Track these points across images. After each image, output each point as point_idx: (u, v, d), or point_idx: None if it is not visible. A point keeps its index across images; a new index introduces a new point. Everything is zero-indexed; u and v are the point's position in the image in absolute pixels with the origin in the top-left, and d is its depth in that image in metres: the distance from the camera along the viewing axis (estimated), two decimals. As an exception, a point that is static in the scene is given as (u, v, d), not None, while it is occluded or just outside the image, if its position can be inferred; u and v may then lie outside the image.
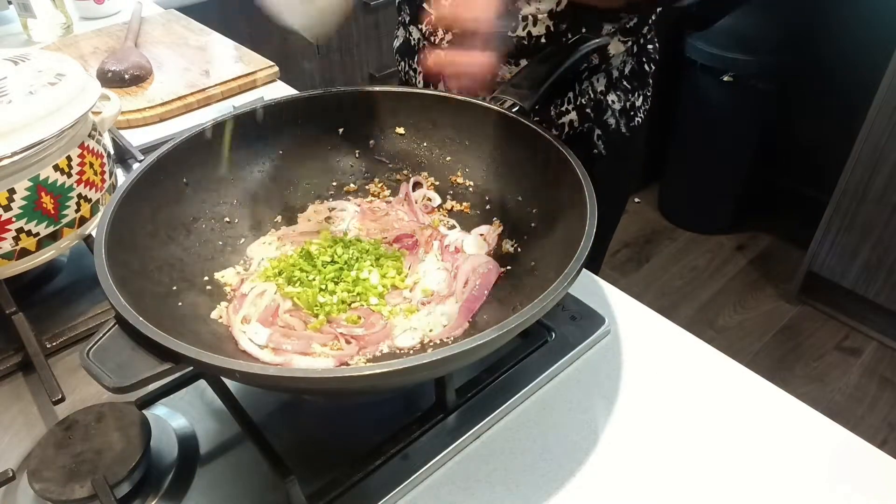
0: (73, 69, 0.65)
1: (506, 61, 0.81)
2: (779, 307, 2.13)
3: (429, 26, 0.81)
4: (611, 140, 0.89)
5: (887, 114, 1.64)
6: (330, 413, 0.59)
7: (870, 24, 2.00)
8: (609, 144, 0.89)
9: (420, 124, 0.71)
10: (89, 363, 0.41)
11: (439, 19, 0.76)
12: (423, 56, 0.64)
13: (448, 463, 0.54)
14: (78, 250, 0.74)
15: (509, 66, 0.82)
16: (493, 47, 0.60)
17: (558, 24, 0.78)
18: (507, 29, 0.79)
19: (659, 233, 2.45)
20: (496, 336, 0.41)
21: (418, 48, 0.90)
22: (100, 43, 1.25)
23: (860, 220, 1.80)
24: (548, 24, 0.78)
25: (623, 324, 0.66)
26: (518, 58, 0.81)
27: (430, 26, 0.77)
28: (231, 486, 0.52)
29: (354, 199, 0.71)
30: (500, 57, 0.80)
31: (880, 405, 1.81)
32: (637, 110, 0.90)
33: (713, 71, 2.04)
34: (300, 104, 0.69)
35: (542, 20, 0.78)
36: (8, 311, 0.63)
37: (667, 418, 0.57)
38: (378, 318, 0.57)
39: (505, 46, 0.80)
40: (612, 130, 0.88)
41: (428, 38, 0.86)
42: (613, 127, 0.88)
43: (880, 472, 0.53)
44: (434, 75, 0.69)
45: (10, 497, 0.51)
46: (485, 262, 0.61)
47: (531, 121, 0.63)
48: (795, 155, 2.35)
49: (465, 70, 0.61)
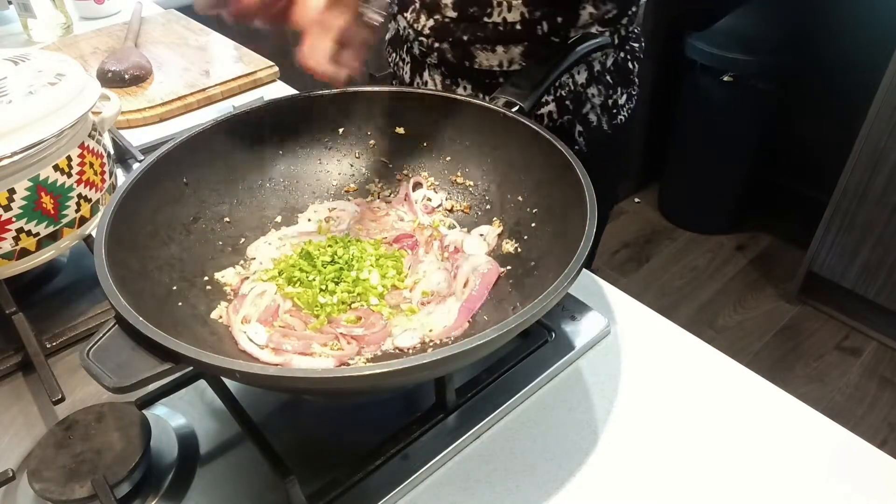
0: (73, 69, 0.65)
1: (483, 48, 0.82)
2: (779, 307, 2.13)
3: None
4: (592, 137, 0.88)
5: (887, 114, 1.64)
6: (330, 413, 0.59)
7: (870, 24, 2.00)
8: (590, 141, 0.88)
9: (420, 124, 0.70)
10: (89, 363, 0.41)
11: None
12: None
13: (448, 463, 0.54)
14: (78, 250, 0.75)
15: (486, 52, 0.82)
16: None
17: (533, 11, 0.78)
18: (482, 15, 0.79)
19: (659, 233, 2.45)
20: (496, 336, 0.41)
21: (404, 37, 0.91)
22: (100, 43, 1.25)
23: (860, 220, 1.80)
24: (522, 11, 0.78)
25: (623, 324, 0.66)
26: (494, 44, 0.81)
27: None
28: (231, 486, 0.52)
29: (354, 199, 0.71)
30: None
31: (880, 405, 1.81)
32: (620, 108, 0.90)
33: (713, 71, 2.04)
34: (300, 104, 0.69)
35: (516, 6, 0.78)
36: (8, 311, 0.63)
37: (667, 418, 0.57)
38: (378, 319, 0.57)
39: (481, 32, 0.80)
40: (594, 127, 0.88)
41: (412, 25, 0.87)
42: (594, 123, 0.88)
43: (880, 472, 0.53)
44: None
45: (10, 497, 0.51)
46: (485, 262, 0.61)
47: (531, 121, 0.63)
48: (795, 155, 2.35)
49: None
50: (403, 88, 0.83)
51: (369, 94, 0.70)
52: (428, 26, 0.84)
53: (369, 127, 0.72)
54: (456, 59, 0.85)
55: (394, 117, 0.71)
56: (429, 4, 0.83)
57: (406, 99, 0.70)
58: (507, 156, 0.66)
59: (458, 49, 0.83)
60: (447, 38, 0.84)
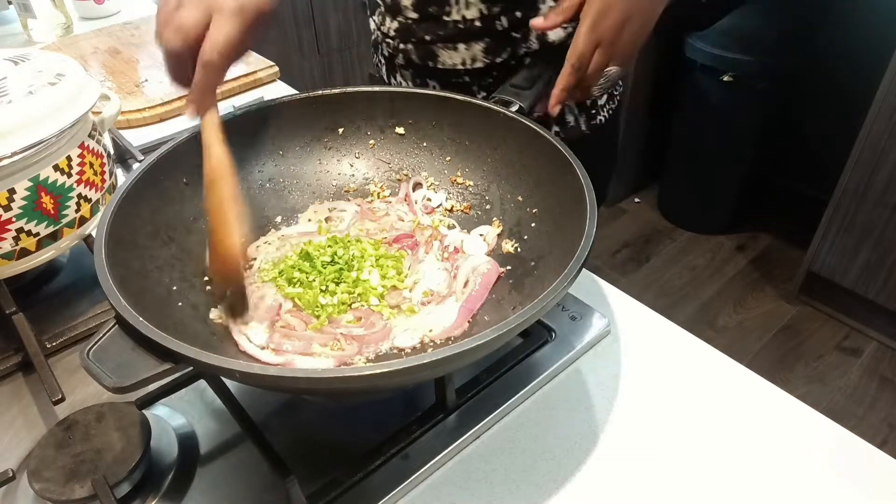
0: (73, 69, 0.65)
1: (444, 46, 0.82)
2: (779, 307, 2.12)
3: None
4: (569, 137, 0.88)
5: (887, 114, 1.64)
6: (330, 413, 0.59)
7: (870, 24, 2.00)
8: (568, 142, 0.88)
9: (420, 124, 0.71)
10: (89, 363, 0.41)
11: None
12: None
13: (448, 463, 0.54)
14: (78, 250, 0.75)
15: (448, 51, 0.82)
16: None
17: (491, 7, 0.78)
18: (440, 13, 0.79)
19: (659, 233, 2.45)
20: (496, 336, 0.41)
21: (376, 39, 0.92)
22: (100, 43, 1.25)
23: (860, 220, 1.80)
24: (480, 7, 0.78)
25: (623, 324, 0.66)
26: (456, 42, 0.81)
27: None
28: (231, 486, 0.52)
29: (354, 200, 0.71)
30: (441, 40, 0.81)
31: (880, 405, 1.81)
32: (600, 109, 0.90)
33: (713, 71, 2.04)
34: (300, 104, 0.69)
35: (473, 3, 0.78)
36: (8, 311, 0.63)
37: (667, 418, 0.57)
38: (378, 319, 0.57)
39: (442, 31, 0.80)
40: (571, 128, 0.88)
41: (380, 28, 0.87)
42: (572, 124, 0.88)
43: (880, 472, 0.53)
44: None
45: (10, 497, 0.51)
46: (485, 262, 0.61)
47: (531, 121, 0.63)
48: (795, 155, 2.35)
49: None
50: (403, 88, 0.83)
51: (369, 94, 0.70)
52: (393, 28, 0.85)
53: (369, 127, 0.72)
54: (420, 59, 0.85)
55: (394, 117, 0.71)
56: (391, 6, 0.84)
57: (406, 99, 0.70)
58: (507, 156, 0.66)
59: (421, 49, 0.84)
60: (410, 39, 0.84)
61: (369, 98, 0.70)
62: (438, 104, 0.69)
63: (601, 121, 0.91)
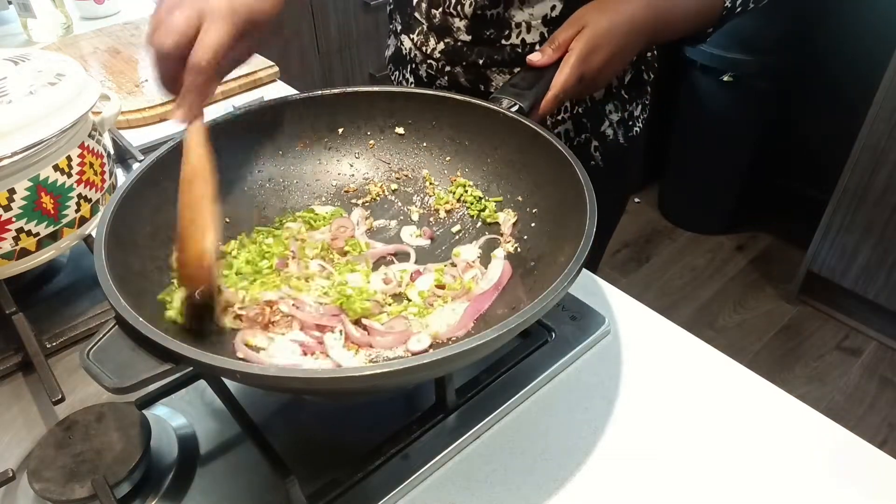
0: (73, 69, 0.65)
1: (499, 71, 0.81)
2: (779, 307, 2.12)
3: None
4: (608, 151, 0.88)
5: (887, 114, 1.64)
6: (330, 413, 0.59)
7: (870, 24, 2.00)
8: (607, 156, 0.87)
9: (420, 124, 0.71)
10: (89, 363, 0.41)
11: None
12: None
13: (448, 463, 0.54)
14: (78, 250, 0.75)
15: (503, 75, 0.81)
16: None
17: (552, 31, 0.76)
18: (499, 38, 0.78)
19: (659, 233, 2.45)
20: (496, 336, 0.41)
21: (410, 58, 0.89)
22: (100, 43, 1.25)
23: (860, 220, 1.80)
24: (542, 31, 0.77)
25: (623, 324, 0.66)
26: (512, 66, 0.80)
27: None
28: (231, 486, 0.52)
29: (358, 202, 0.70)
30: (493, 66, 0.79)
31: (880, 405, 1.81)
32: (636, 120, 0.90)
33: (713, 71, 2.04)
34: (300, 104, 0.69)
35: (535, 26, 0.77)
36: (8, 311, 0.63)
37: (667, 418, 0.57)
38: (400, 321, 0.56)
39: (497, 55, 0.79)
40: (610, 141, 0.87)
41: (420, 48, 0.85)
42: (611, 138, 0.87)
43: (880, 472, 0.53)
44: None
45: (10, 497, 0.51)
46: (495, 263, 0.61)
47: (531, 121, 0.63)
48: (795, 155, 2.35)
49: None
50: (403, 89, 0.83)
51: (369, 94, 0.70)
52: (438, 49, 0.82)
53: (369, 127, 0.72)
54: (469, 82, 0.83)
55: (393, 117, 0.71)
56: (438, 27, 0.81)
57: (406, 99, 0.70)
58: (507, 156, 0.66)
59: (472, 72, 0.82)
60: (460, 62, 0.82)
61: (369, 98, 0.70)
62: (438, 104, 0.69)
63: (637, 131, 0.90)
